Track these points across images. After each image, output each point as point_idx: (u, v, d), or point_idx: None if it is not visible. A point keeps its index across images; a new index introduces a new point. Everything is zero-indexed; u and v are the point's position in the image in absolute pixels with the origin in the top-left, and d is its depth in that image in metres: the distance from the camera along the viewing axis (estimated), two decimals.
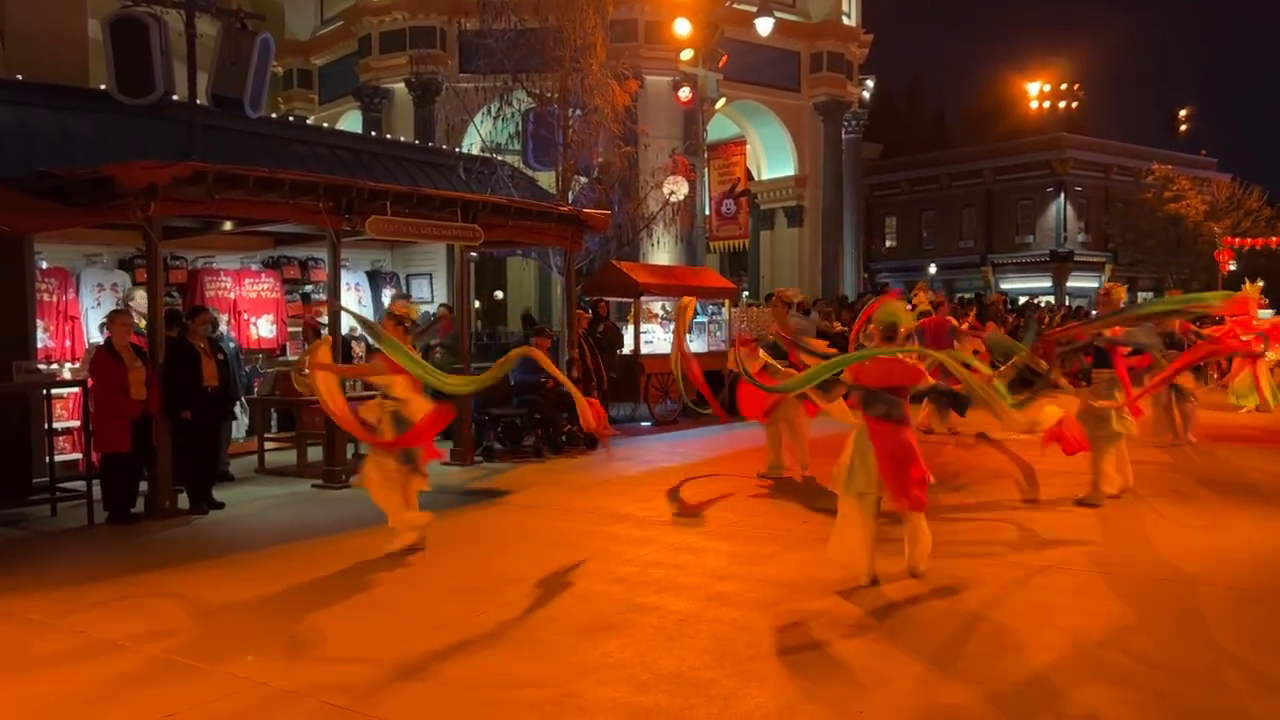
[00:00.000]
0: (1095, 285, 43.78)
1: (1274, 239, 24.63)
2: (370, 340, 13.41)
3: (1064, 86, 38.77)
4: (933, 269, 43.23)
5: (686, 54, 19.19)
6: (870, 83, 30.70)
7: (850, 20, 28.83)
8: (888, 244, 48.46)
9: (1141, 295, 41.95)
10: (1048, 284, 42.00)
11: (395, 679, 4.83)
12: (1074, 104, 39.52)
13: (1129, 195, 40.66)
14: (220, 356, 9.53)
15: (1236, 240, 23.54)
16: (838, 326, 17.14)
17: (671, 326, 17.48)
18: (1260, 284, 14.98)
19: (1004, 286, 41.11)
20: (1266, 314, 15.08)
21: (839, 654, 5.08)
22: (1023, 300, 32.59)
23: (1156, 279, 39.29)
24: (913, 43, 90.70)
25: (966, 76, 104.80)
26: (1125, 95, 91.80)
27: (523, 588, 6.41)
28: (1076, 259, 42.70)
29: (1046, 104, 38.56)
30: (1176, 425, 12.12)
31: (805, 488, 9.71)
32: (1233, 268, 32.46)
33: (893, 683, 4.69)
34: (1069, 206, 42.78)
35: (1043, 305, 26.90)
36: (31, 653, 5.31)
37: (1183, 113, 40.37)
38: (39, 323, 10.43)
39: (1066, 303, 34.77)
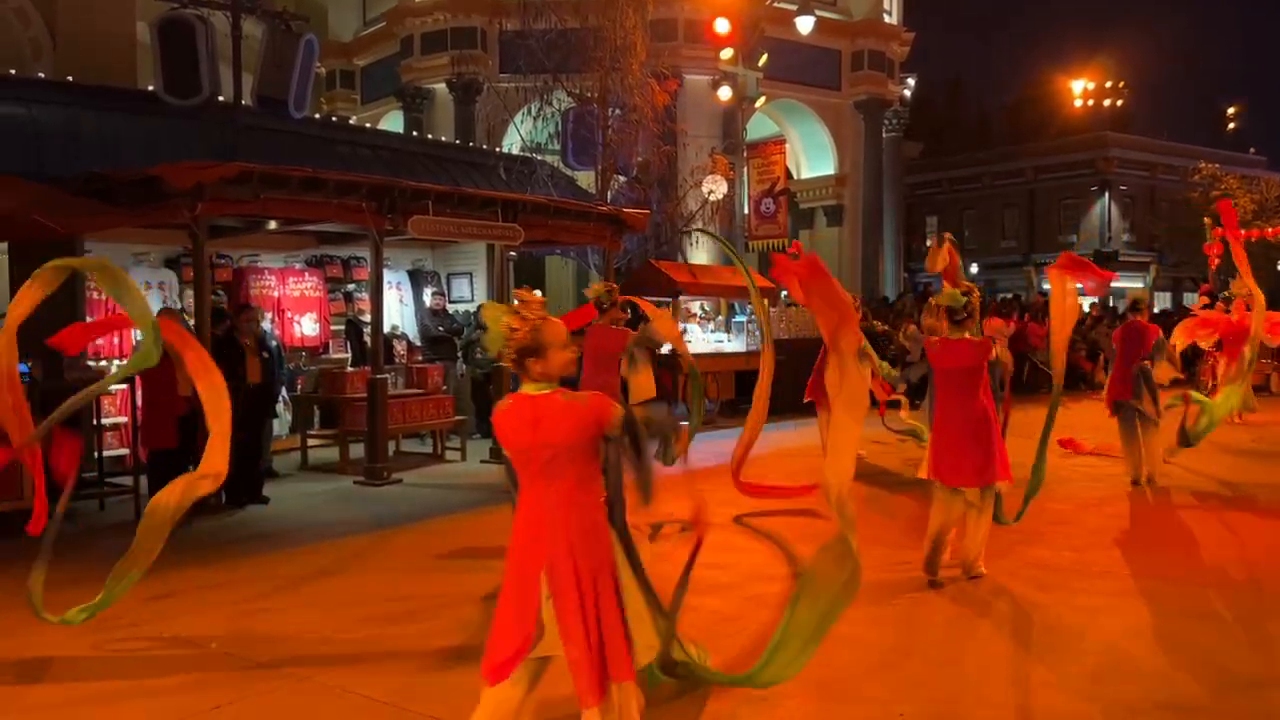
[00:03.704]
0: (1140, 285, 43.22)
1: (1269, 230, 23.93)
2: (413, 340, 13.61)
3: (1108, 84, 38.28)
4: (974, 269, 42.82)
5: (726, 53, 19.16)
6: (911, 81, 30.48)
7: (891, 18, 28.64)
8: (929, 243, 47.95)
9: (1187, 296, 41.37)
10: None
11: (434, 676, 4.87)
12: (1118, 102, 38.99)
13: (1175, 194, 40.06)
14: (265, 354, 9.66)
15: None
16: (880, 327, 17.01)
17: (711, 327, 17.51)
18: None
19: (1046, 287, 40.65)
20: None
21: (880, 655, 5.06)
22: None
23: (1202, 279, 38.62)
24: (954, 41, 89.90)
25: (1009, 75, 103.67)
26: (1172, 93, 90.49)
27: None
28: (1121, 259, 42.14)
29: (1090, 102, 38.08)
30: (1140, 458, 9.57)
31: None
32: None
33: (933, 685, 4.67)
34: (1113, 206, 42.20)
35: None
36: (78, 644, 5.41)
37: (1231, 110, 39.75)
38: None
39: (1110, 303, 34.31)
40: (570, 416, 3.32)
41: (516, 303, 3.44)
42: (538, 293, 3.72)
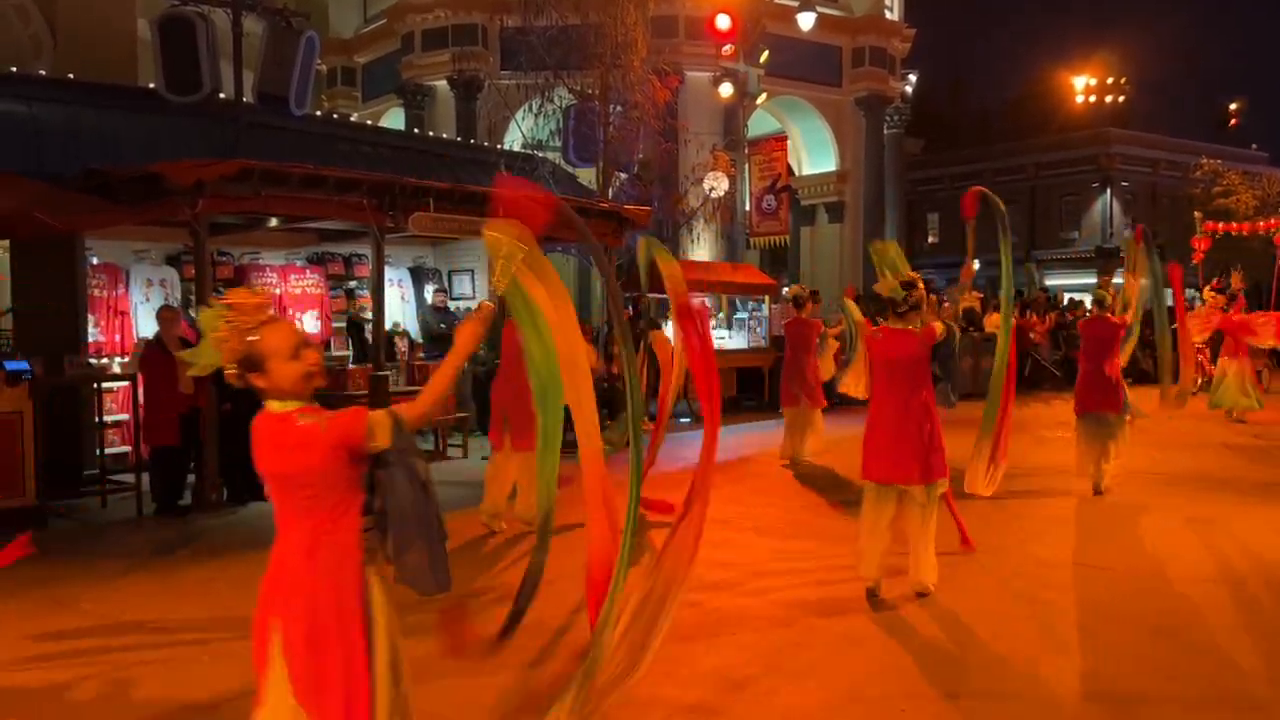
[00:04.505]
0: (1143, 281, 43.13)
1: (1260, 224, 23.84)
2: (415, 337, 13.60)
3: (1110, 81, 38.19)
4: (975, 265, 42.70)
5: (727, 50, 19.13)
6: (913, 78, 30.43)
7: (893, 15, 28.57)
8: (930, 240, 48.02)
9: (1189, 293, 41.35)
10: (1093, 280, 41.40)
11: (432, 673, 4.86)
12: (1120, 98, 38.87)
13: (1177, 191, 40.04)
14: None
15: (1219, 226, 22.77)
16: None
17: (712, 324, 17.50)
18: (1241, 271, 14.87)
19: (1048, 283, 40.63)
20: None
21: (880, 652, 5.06)
22: (1068, 298, 32.18)
23: (1206, 275, 38.55)
24: (956, 37, 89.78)
25: (1010, 71, 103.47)
26: (1173, 89, 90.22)
27: (562, 584, 6.42)
28: (1123, 255, 42.09)
29: (1092, 98, 38.00)
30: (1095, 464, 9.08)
31: (846, 485, 9.68)
32: None
33: (936, 681, 4.66)
34: (1115, 202, 42.16)
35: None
36: (83, 641, 5.41)
37: (1233, 106, 39.62)
38: (90, 317, 10.62)
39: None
40: (306, 443, 2.75)
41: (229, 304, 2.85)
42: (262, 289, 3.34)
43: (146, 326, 10.82)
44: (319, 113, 19.36)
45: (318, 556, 2.80)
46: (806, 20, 20.69)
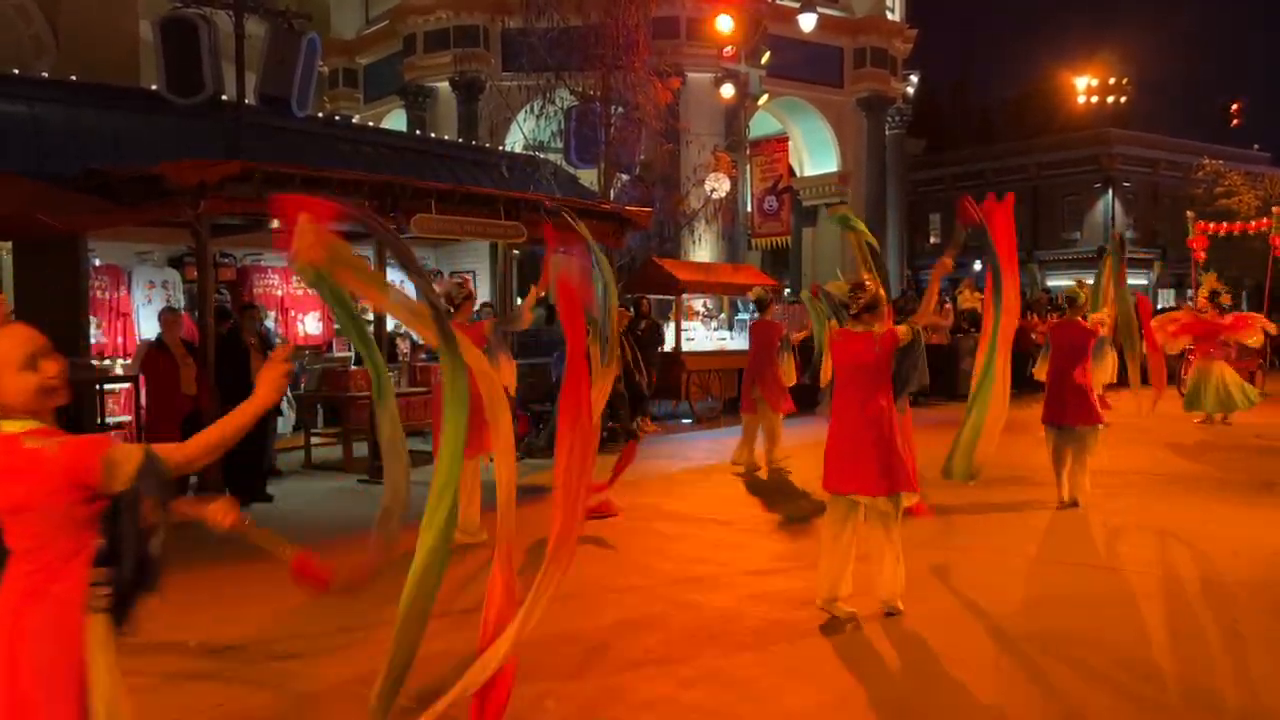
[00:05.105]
0: (1144, 282, 43.19)
1: (1252, 224, 23.75)
2: (416, 338, 13.60)
3: (1112, 81, 38.25)
4: (977, 266, 42.78)
5: (728, 51, 19.16)
6: (914, 78, 30.47)
7: (894, 15, 28.62)
8: (931, 240, 48.04)
9: (1189, 293, 41.33)
10: (1094, 281, 41.35)
11: (437, 675, 4.87)
12: (1122, 98, 38.93)
13: (1178, 191, 40.07)
14: (269, 353, 9.68)
15: (1211, 226, 22.67)
16: None
17: (714, 325, 17.50)
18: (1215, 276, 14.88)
19: (1050, 284, 40.64)
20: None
21: (881, 653, 5.06)
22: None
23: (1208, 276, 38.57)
24: (957, 37, 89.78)
25: (1011, 71, 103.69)
26: (1175, 90, 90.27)
27: (563, 584, 6.43)
28: (1125, 256, 42.09)
29: (1094, 99, 38.05)
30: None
31: None
32: None
33: (936, 681, 4.67)
34: (1117, 202, 42.17)
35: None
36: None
37: (1234, 106, 39.66)
38: (92, 319, 10.65)
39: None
40: (30, 470, 2.34)
41: None
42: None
43: (148, 328, 10.85)
44: (321, 114, 19.39)
45: (33, 610, 2.39)
46: (808, 21, 20.69)
